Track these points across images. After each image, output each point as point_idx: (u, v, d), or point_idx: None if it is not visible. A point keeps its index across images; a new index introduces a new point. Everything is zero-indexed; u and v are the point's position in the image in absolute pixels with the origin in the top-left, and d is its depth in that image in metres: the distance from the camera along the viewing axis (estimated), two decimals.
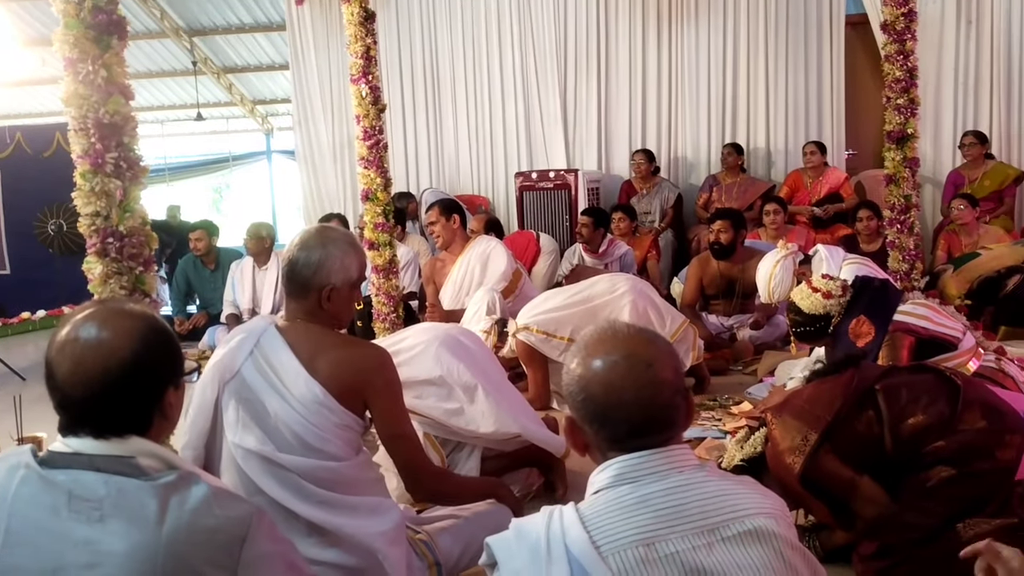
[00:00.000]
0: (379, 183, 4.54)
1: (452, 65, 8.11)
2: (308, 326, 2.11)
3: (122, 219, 2.49)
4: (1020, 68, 7.35)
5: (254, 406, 2.05)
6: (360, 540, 2.00)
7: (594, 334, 1.39)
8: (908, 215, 4.67)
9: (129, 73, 2.62)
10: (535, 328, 4.14)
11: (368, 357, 2.15)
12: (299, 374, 2.03)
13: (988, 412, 2.30)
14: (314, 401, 2.02)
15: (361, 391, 2.10)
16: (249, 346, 2.09)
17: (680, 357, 3.98)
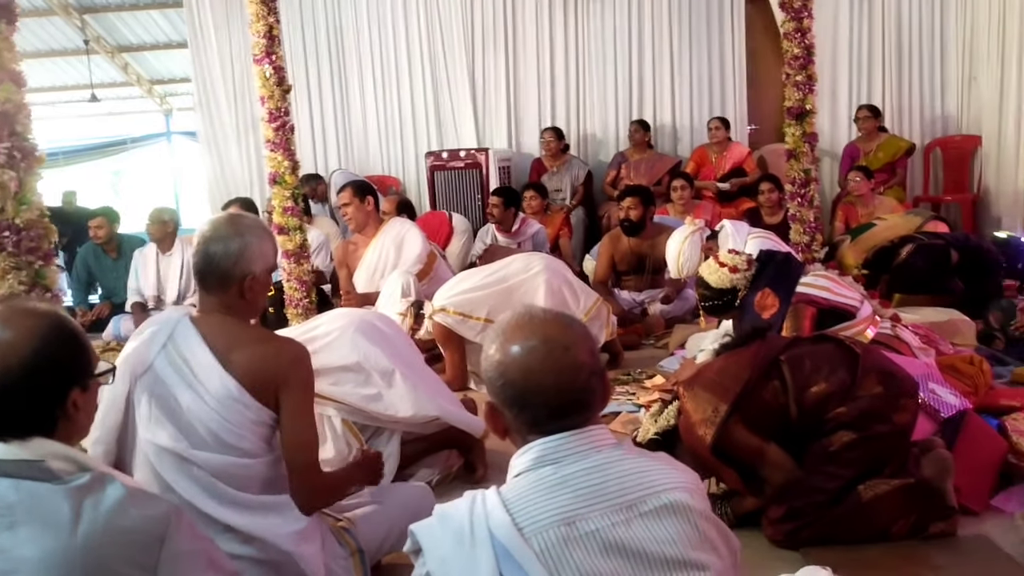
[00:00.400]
0: (287, 166, 4.45)
1: (358, 43, 7.97)
2: (224, 319, 2.06)
3: (18, 212, 2.38)
4: (909, 44, 7.68)
5: (167, 401, 2.00)
6: (271, 541, 1.97)
7: (511, 319, 1.40)
8: (808, 188, 4.84)
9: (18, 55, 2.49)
10: (451, 309, 4.14)
11: (285, 352, 2.12)
12: (213, 368, 1.99)
13: (884, 378, 2.43)
14: (228, 396, 1.98)
15: (276, 386, 2.06)
16: (162, 339, 2.04)
17: (595, 335, 4.11)
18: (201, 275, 2.05)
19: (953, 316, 4.17)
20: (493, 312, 4.11)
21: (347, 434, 2.91)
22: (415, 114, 8.03)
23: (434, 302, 4.22)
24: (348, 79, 8.05)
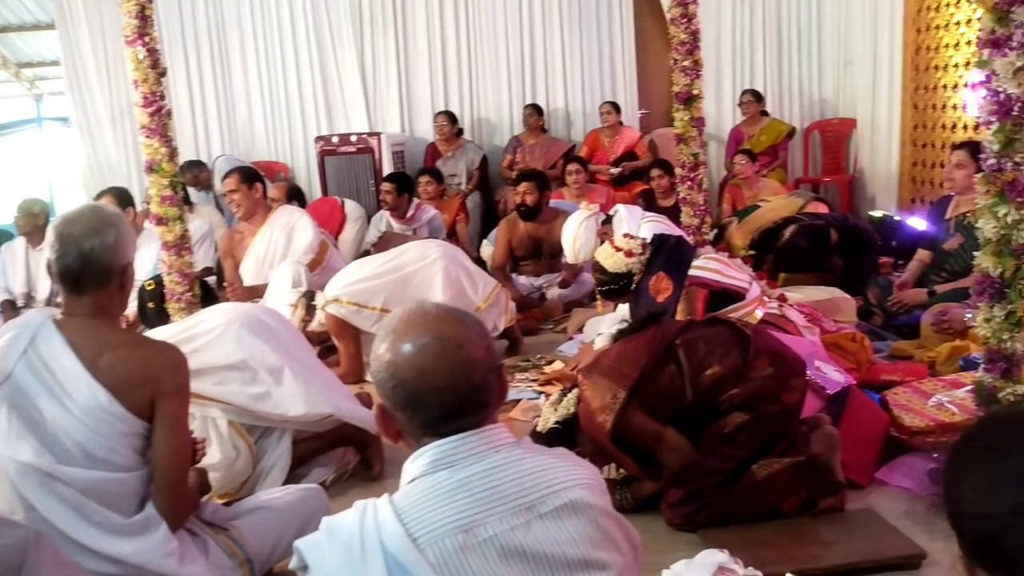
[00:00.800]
0: (164, 153, 4.19)
1: (239, 24, 7.61)
2: (92, 322, 1.92)
3: None
4: (789, 30, 7.92)
5: (28, 413, 1.84)
6: (150, 567, 1.86)
7: (402, 316, 1.34)
8: (697, 172, 4.91)
9: None
10: (345, 300, 4.03)
11: (160, 357, 1.99)
12: (81, 376, 1.85)
13: (775, 359, 2.48)
14: (98, 407, 1.84)
15: (150, 395, 1.93)
16: (22, 344, 1.88)
17: (494, 322, 4.06)
18: (76, 277, 1.90)
19: (835, 294, 4.31)
20: (389, 301, 4.03)
21: (234, 436, 2.79)
22: (303, 97, 7.75)
23: (326, 292, 4.10)
24: (230, 61, 7.69)
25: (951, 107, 6.36)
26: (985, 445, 0.98)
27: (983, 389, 2.27)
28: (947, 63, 6.36)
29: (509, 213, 6.13)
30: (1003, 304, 2.18)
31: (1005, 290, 2.17)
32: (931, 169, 6.69)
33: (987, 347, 2.24)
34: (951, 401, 2.77)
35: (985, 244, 2.20)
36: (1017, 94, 2.08)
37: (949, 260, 4.22)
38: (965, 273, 4.08)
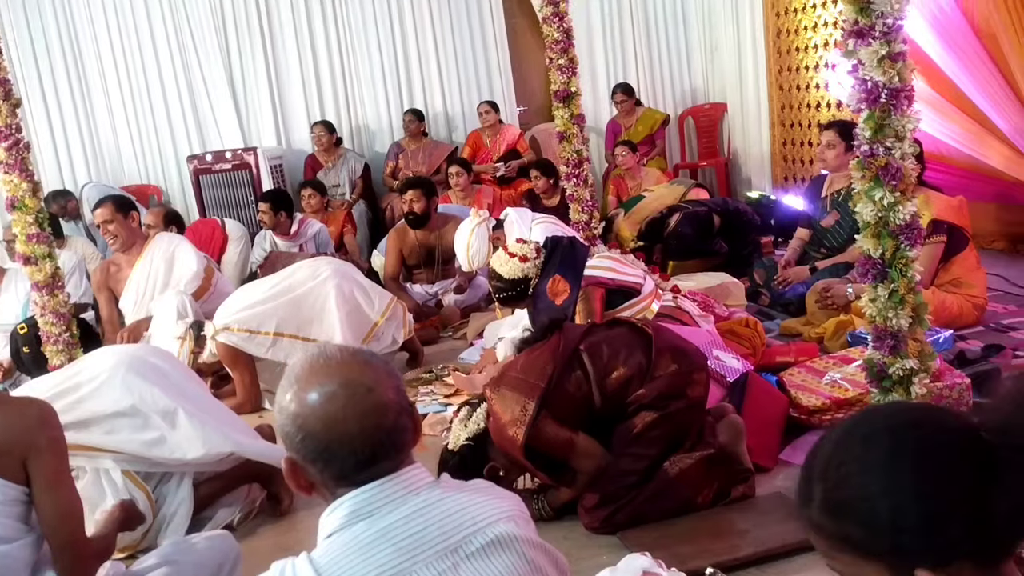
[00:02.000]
0: (25, 188, 3.94)
1: (96, 44, 7.17)
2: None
3: None
4: (656, 18, 8.13)
5: None
6: None
7: (304, 364, 1.28)
8: (581, 168, 4.96)
9: None
10: (236, 327, 3.87)
11: (26, 414, 1.87)
12: None
13: (677, 355, 2.52)
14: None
15: (22, 456, 1.81)
16: None
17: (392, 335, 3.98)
18: None
19: (724, 279, 4.44)
20: (282, 325, 3.90)
21: (130, 486, 2.64)
22: (171, 117, 7.39)
23: (216, 321, 3.93)
24: (90, 84, 7.24)
25: (814, 87, 6.65)
26: None
27: (873, 365, 2.36)
28: (807, 44, 6.64)
29: (396, 221, 6.05)
30: (886, 284, 2.27)
31: (887, 270, 2.26)
32: (800, 148, 6.98)
33: (874, 326, 2.33)
34: (843, 378, 2.89)
35: (864, 227, 2.29)
36: (883, 81, 2.17)
37: (827, 236, 4.40)
38: (843, 248, 4.28)
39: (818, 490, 0.97)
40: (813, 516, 0.97)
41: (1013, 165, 4.73)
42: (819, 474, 0.98)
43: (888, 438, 0.95)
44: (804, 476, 1.01)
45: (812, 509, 0.97)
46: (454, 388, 3.86)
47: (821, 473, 0.98)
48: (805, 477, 1.00)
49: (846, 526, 0.94)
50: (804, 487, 0.99)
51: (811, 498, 0.97)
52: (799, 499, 1.00)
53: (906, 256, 2.24)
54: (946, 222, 3.63)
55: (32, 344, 4.30)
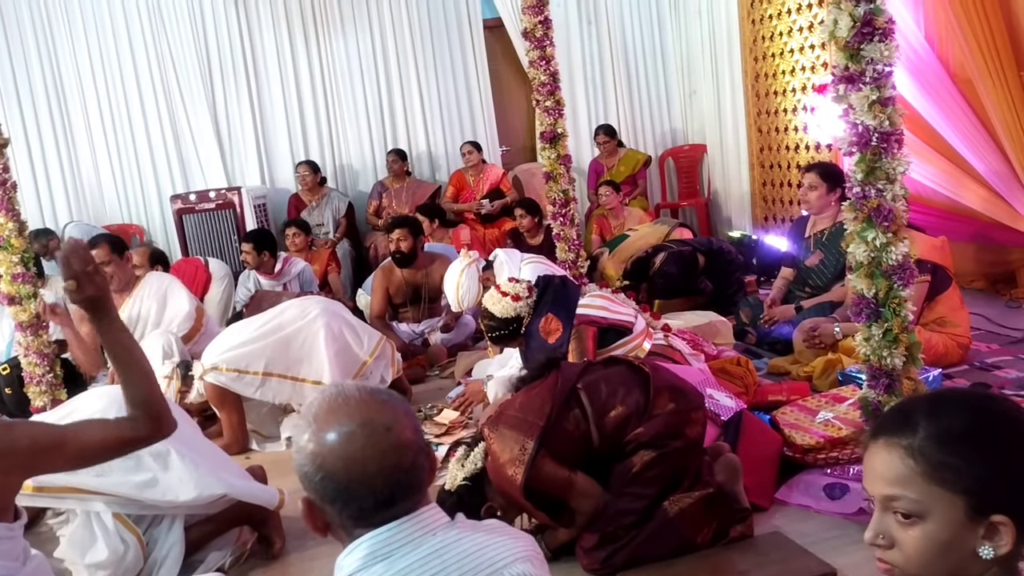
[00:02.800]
0: (11, 229, 3.92)
1: (80, 85, 7.18)
2: None
3: None
4: (636, 62, 8.26)
5: None
6: None
7: (322, 403, 1.28)
8: (568, 208, 5.01)
9: None
10: (224, 367, 3.84)
11: None
12: None
13: (674, 394, 2.53)
14: None
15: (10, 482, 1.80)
16: None
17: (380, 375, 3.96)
18: None
19: (712, 318, 4.48)
20: (271, 364, 3.88)
21: (121, 529, 2.61)
22: (154, 156, 7.38)
23: (204, 360, 3.90)
24: (73, 123, 7.22)
25: (792, 129, 6.77)
26: None
27: (868, 404, 2.39)
28: (785, 88, 6.78)
29: (381, 259, 6.04)
30: (880, 323, 2.31)
31: (880, 309, 2.30)
32: (780, 188, 7.09)
33: (868, 364, 2.36)
34: (836, 416, 2.91)
35: (857, 267, 2.33)
36: (874, 126, 2.23)
37: (812, 276, 4.46)
38: (828, 287, 4.34)
39: (925, 423, 1.08)
40: (916, 443, 1.07)
41: (990, 206, 4.84)
42: (927, 411, 1.10)
43: (1000, 405, 1.10)
44: (902, 411, 1.14)
45: (916, 437, 1.07)
46: (445, 427, 3.84)
47: (930, 411, 1.10)
48: (903, 411, 1.13)
49: (951, 457, 1.05)
50: (902, 418, 1.11)
51: (915, 429, 1.08)
52: (893, 426, 1.11)
53: (899, 296, 2.28)
54: (930, 262, 3.69)
55: (15, 385, 4.24)
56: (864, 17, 2.16)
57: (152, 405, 1.92)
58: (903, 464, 1.07)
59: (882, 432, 1.12)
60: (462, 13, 7.84)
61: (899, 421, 1.11)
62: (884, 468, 1.10)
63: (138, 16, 7.22)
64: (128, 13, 7.21)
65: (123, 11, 7.20)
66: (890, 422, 1.13)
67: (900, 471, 1.08)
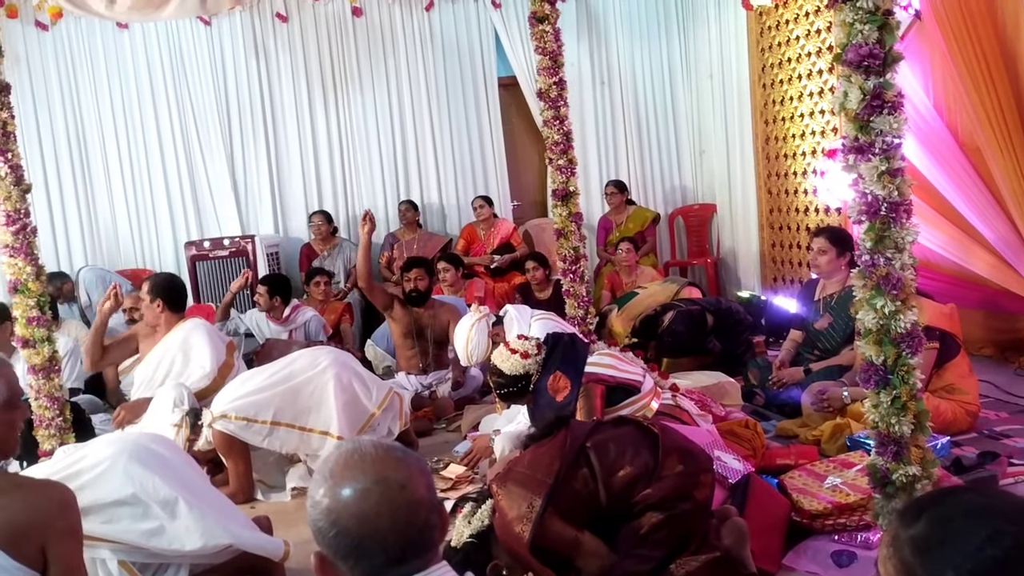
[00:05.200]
0: (29, 273, 3.98)
1: (102, 133, 7.35)
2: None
3: None
4: (647, 122, 8.38)
5: None
6: None
7: (339, 459, 1.30)
8: (578, 265, 5.06)
9: None
10: (234, 415, 3.85)
11: (47, 498, 1.88)
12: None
13: (683, 456, 2.53)
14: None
15: (41, 540, 1.81)
16: None
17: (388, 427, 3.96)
18: None
19: (721, 379, 4.48)
20: (280, 414, 3.89)
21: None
22: (171, 203, 7.52)
23: (213, 408, 3.91)
24: (91, 169, 7.37)
25: (802, 192, 6.84)
26: None
27: (877, 471, 2.39)
28: (795, 151, 6.87)
29: None
30: (888, 390, 2.32)
31: (889, 376, 2.32)
32: (789, 250, 7.13)
33: (877, 431, 2.37)
34: (845, 482, 2.91)
35: (866, 334, 2.35)
36: (883, 195, 2.27)
37: (821, 339, 4.47)
38: (836, 351, 4.35)
39: (922, 526, 1.03)
40: (902, 535, 1.03)
41: (999, 273, 4.86)
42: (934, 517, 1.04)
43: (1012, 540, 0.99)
44: (917, 506, 1.08)
45: (911, 528, 1.03)
46: (451, 482, 3.83)
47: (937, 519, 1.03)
48: (917, 507, 1.07)
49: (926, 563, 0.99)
50: (912, 512, 1.06)
51: (912, 523, 1.04)
52: (900, 517, 1.07)
53: (907, 363, 2.30)
54: (938, 329, 3.70)
55: (24, 428, 4.25)
56: (874, 90, 2.21)
57: None
58: (889, 553, 1.05)
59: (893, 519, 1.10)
60: (478, 71, 8.00)
61: (910, 511, 1.08)
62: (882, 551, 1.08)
63: (160, 66, 7.42)
64: (151, 62, 7.41)
65: (146, 60, 7.40)
66: (902, 509, 1.10)
67: (883, 556, 1.06)
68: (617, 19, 8.19)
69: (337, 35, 7.70)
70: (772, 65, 7.03)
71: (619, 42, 8.20)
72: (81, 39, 7.27)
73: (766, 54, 7.11)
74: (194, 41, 7.46)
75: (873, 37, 2.18)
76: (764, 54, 7.14)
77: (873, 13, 2.17)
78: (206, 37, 7.46)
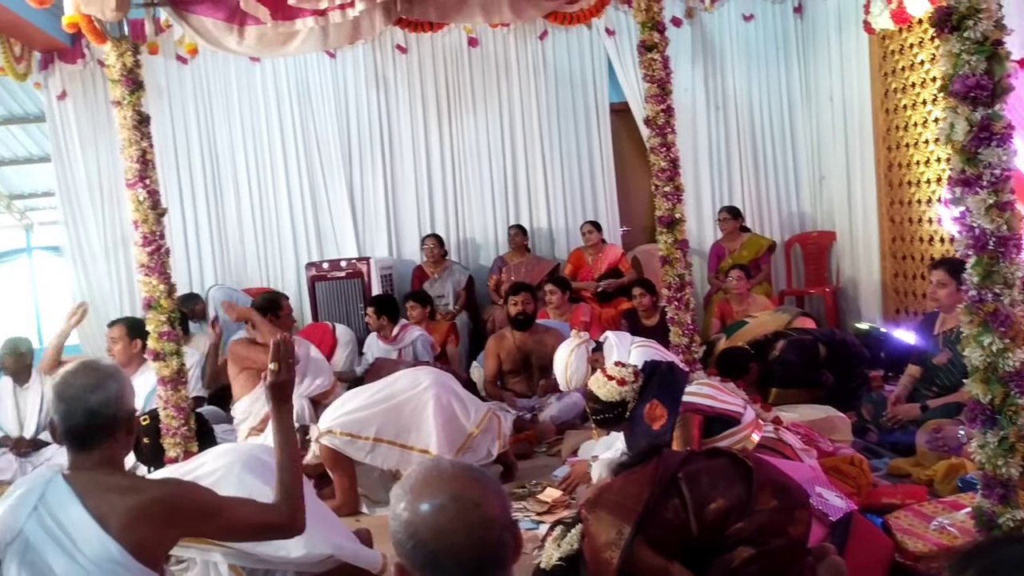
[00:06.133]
0: (162, 290, 4.27)
1: (233, 160, 7.86)
2: (99, 473, 1.96)
3: None
4: (763, 147, 8.23)
5: (39, 569, 1.85)
6: None
7: (419, 475, 1.37)
8: (683, 292, 4.99)
9: None
10: (338, 430, 4.03)
11: (161, 501, 2.01)
12: (90, 529, 1.86)
13: (778, 491, 2.48)
14: (108, 560, 1.84)
15: (165, 538, 1.99)
16: (32, 501, 1.89)
17: (487, 448, 4.04)
18: (83, 434, 1.95)
19: (830, 413, 4.35)
20: (382, 431, 4.03)
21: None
22: (294, 226, 7.94)
23: (320, 424, 4.10)
24: (223, 194, 7.89)
25: (927, 220, 6.56)
26: None
27: (983, 514, 2.29)
28: (919, 179, 6.60)
29: (497, 331, 6.19)
30: (995, 430, 2.22)
31: (996, 416, 2.22)
32: (912, 280, 6.84)
33: (983, 473, 2.27)
34: (952, 524, 2.79)
35: (973, 372, 2.27)
36: (991, 229, 2.19)
37: (939, 374, 4.29)
38: (955, 387, 4.16)
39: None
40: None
41: None
42: (980, 569, 1.04)
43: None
44: (966, 557, 1.08)
45: None
46: (547, 505, 3.86)
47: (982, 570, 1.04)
48: (965, 558, 1.07)
49: None
50: (959, 564, 1.06)
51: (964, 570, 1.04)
52: (949, 569, 1.07)
53: (1016, 403, 2.20)
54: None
55: (152, 436, 4.54)
56: (981, 122, 2.15)
57: (294, 496, 2.18)
58: None
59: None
60: (590, 97, 8.08)
61: (960, 560, 1.07)
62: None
63: (288, 96, 7.86)
64: (279, 93, 7.86)
65: (275, 91, 7.85)
66: (953, 558, 1.09)
67: None
68: (733, 44, 8.11)
69: (453, 64, 7.96)
70: (895, 90, 6.79)
71: (735, 66, 8.11)
72: (217, 72, 7.80)
73: (889, 79, 6.88)
74: (319, 72, 7.86)
75: (981, 68, 2.12)
76: (887, 79, 6.91)
77: (981, 43, 2.11)
78: (331, 69, 7.86)
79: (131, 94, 4.15)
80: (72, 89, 7.72)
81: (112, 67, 4.16)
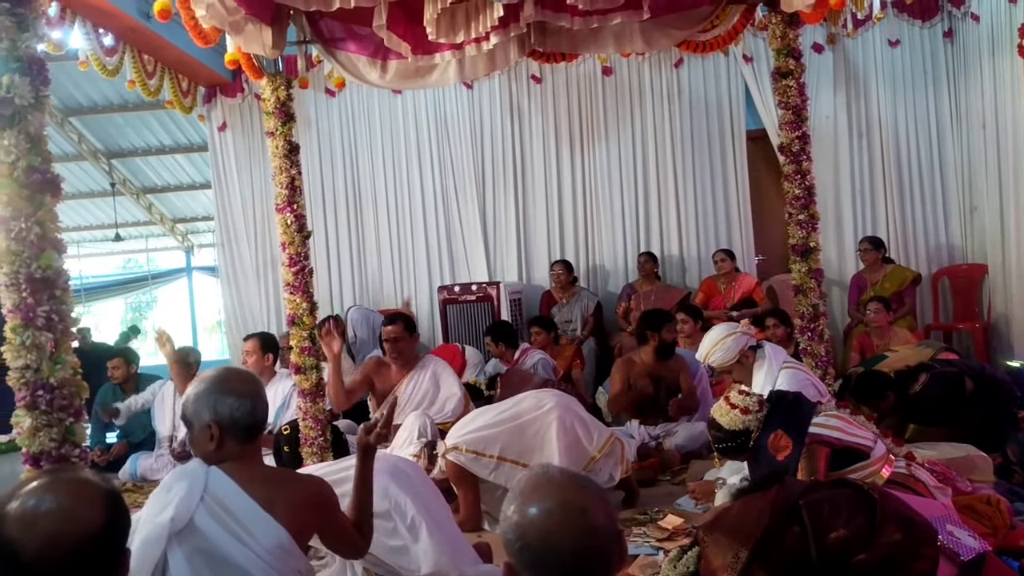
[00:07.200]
0: (305, 308, 4.55)
1: (374, 187, 8.29)
2: (250, 463, 2.10)
3: (53, 371, 2.46)
4: (909, 176, 7.90)
5: (212, 556, 1.97)
6: None
7: (529, 480, 1.44)
8: (817, 323, 4.88)
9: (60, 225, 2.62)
10: (464, 448, 4.13)
11: (318, 493, 2.19)
12: (260, 517, 1.99)
13: (903, 525, 2.40)
14: (279, 546, 1.99)
15: (314, 528, 2.17)
16: (198, 492, 2.02)
17: (609, 472, 4.06)
18: (250, 431, 2.10)
19: (970, 451, 4.12)
20: (506, 450, 4.11)
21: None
22: (428, 251, 8.26)
23: (447, 441, 4.22)
24: (364, 220, 8.33)
25: None
26: None
27: None
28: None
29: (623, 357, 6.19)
30: None
31: None
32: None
33: None
34: None
35: None
36: None
37: None
38: None
39: None
40: None
41: None
42: None
43: None
44: None
45: None
46: (668, 532, 3.84)
47: None
48: None
49: None
50: None
51: None
52: None
53: None
54: None
55: (292, 444, 4.82)
56: None
57: (366, 527, 2.39)
58: None
59: None
60: (725, 124, 8.01)
61: None
62: None
63: (427, 126, 8.22)
64: (419, 123, 8.23)
65: (415, 121, 8.24)
66: None
67: None
68: (879, 69, 7.86)
69: (587, 93, 8.09)
70: None
71: (880, 93, 7.86)
72: (361, 104, 8.26)
73: None
74: (457, 103, 8.18)
75: None
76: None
77: None
78: (467, 99, 8.17)
79: (283, 125, 4.48)
80: (231, 121, 8.35)
81: (267, 100, 4.51)
